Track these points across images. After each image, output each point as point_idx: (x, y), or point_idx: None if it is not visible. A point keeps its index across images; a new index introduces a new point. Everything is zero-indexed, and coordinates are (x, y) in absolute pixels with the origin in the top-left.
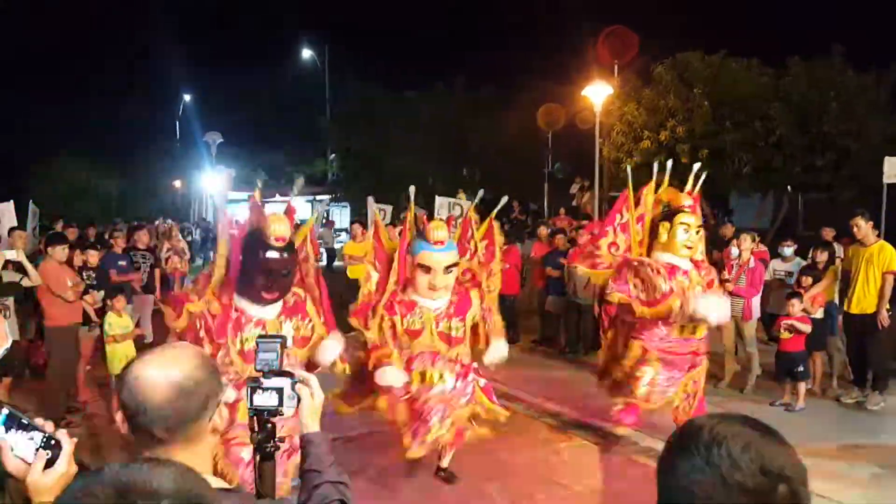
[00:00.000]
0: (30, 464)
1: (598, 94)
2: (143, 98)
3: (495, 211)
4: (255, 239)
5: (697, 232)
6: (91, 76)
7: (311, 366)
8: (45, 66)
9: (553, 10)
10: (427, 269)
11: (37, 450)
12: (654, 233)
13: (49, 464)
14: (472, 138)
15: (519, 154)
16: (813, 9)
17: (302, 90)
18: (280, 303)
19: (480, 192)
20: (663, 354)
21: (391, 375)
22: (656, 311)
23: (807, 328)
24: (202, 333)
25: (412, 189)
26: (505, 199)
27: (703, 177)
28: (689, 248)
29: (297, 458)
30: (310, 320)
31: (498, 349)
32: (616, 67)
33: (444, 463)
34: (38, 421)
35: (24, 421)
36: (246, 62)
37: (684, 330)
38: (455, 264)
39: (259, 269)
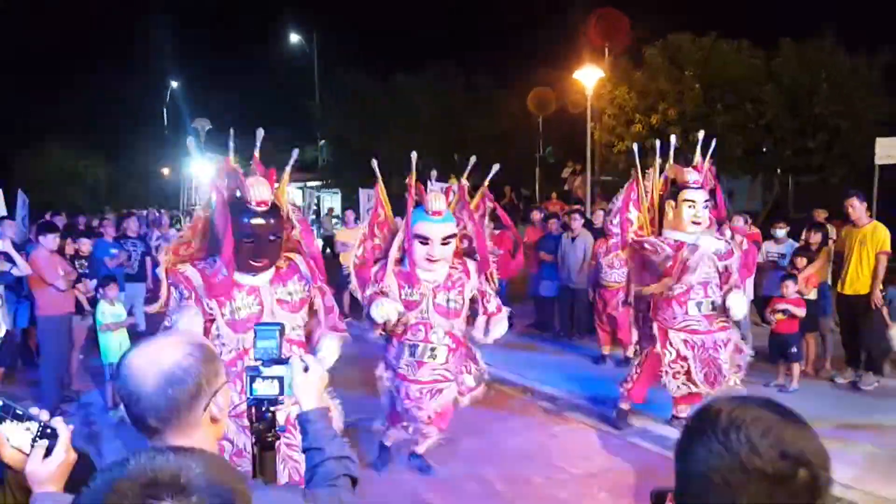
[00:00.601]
0: (27, 454)
1: (588, 77)
2: (131, 85)
3: (487, 180)
4: (237, 206)
5: (706, 206)
6: (84, 69)
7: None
8: (43, 64)
9: None
10: (425, 240)
11: (34, 439)
12: (662, 211)
13: (47, 453)
14: (463, 124)
15: (510, 139)
16: None
17: (291, 76)
18: (272, 269)
19: (473, 158)
20: (686, 335)
21: (387, 307)
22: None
23: (801, 312)
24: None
25: (414, 155)
26: (496, 167)
27: (713, 146)
28: (697, 223)
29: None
30: (305, 282)
31: (501, 325)
32: (606, 51)
33: (420, 449)
34: (34, 410)
35: (19, 411)
36: (234, 48)
37: (702, 307)
38: (453, 235)
39: (245, 236)
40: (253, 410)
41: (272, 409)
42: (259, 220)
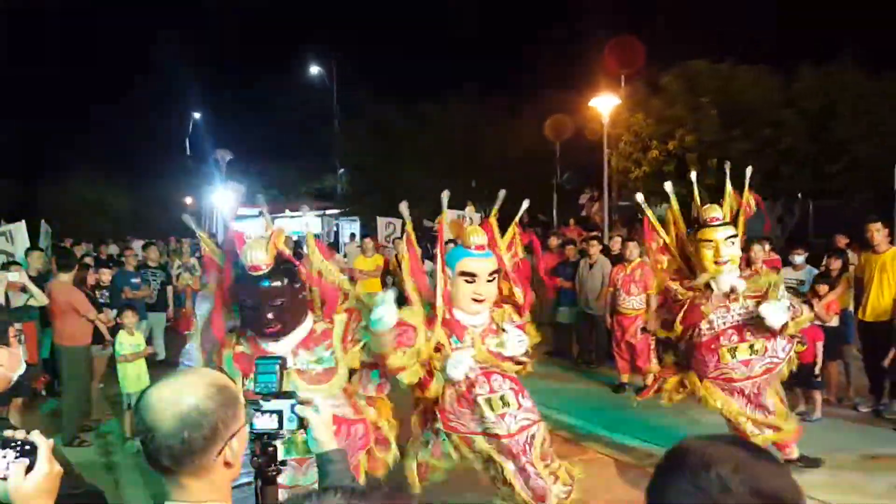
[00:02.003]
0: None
1: (605, 104)
2: (153, 116)
3: (518, 217)
4: (239, 269)
5: (732, 242)
6: (105, 100)
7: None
8: (65, 96)
9: (560, 21)
10: (471, 277)
11: (13, 460)
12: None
13: (29, 469)
14: (479, 151)
15: (527, 166)
16: (822, 13)
17: (311, 105)
18: (294, 336)
19: (502, 193)
20: (722, 383)
21: (462, 359)
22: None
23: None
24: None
25: (446, 194)
26: (526, 203)
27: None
28: (720, 262)
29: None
30: (333, 351)
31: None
32: (623, 77)
33: None
34: (7, 433)
35: None
36: (255, 79)
37: (737, 352)
38: (497, 272)
39: (245, 304)
40: (255, 444)
41: (272, 442)
42: (255, 285)
